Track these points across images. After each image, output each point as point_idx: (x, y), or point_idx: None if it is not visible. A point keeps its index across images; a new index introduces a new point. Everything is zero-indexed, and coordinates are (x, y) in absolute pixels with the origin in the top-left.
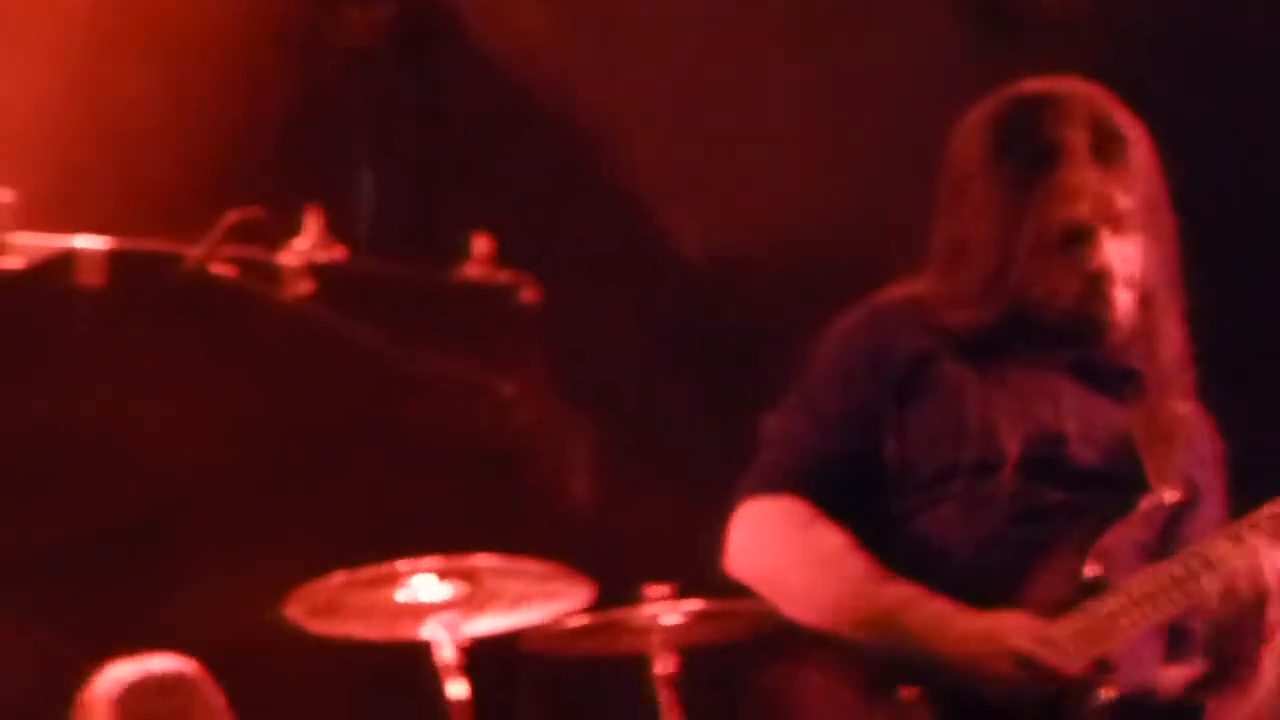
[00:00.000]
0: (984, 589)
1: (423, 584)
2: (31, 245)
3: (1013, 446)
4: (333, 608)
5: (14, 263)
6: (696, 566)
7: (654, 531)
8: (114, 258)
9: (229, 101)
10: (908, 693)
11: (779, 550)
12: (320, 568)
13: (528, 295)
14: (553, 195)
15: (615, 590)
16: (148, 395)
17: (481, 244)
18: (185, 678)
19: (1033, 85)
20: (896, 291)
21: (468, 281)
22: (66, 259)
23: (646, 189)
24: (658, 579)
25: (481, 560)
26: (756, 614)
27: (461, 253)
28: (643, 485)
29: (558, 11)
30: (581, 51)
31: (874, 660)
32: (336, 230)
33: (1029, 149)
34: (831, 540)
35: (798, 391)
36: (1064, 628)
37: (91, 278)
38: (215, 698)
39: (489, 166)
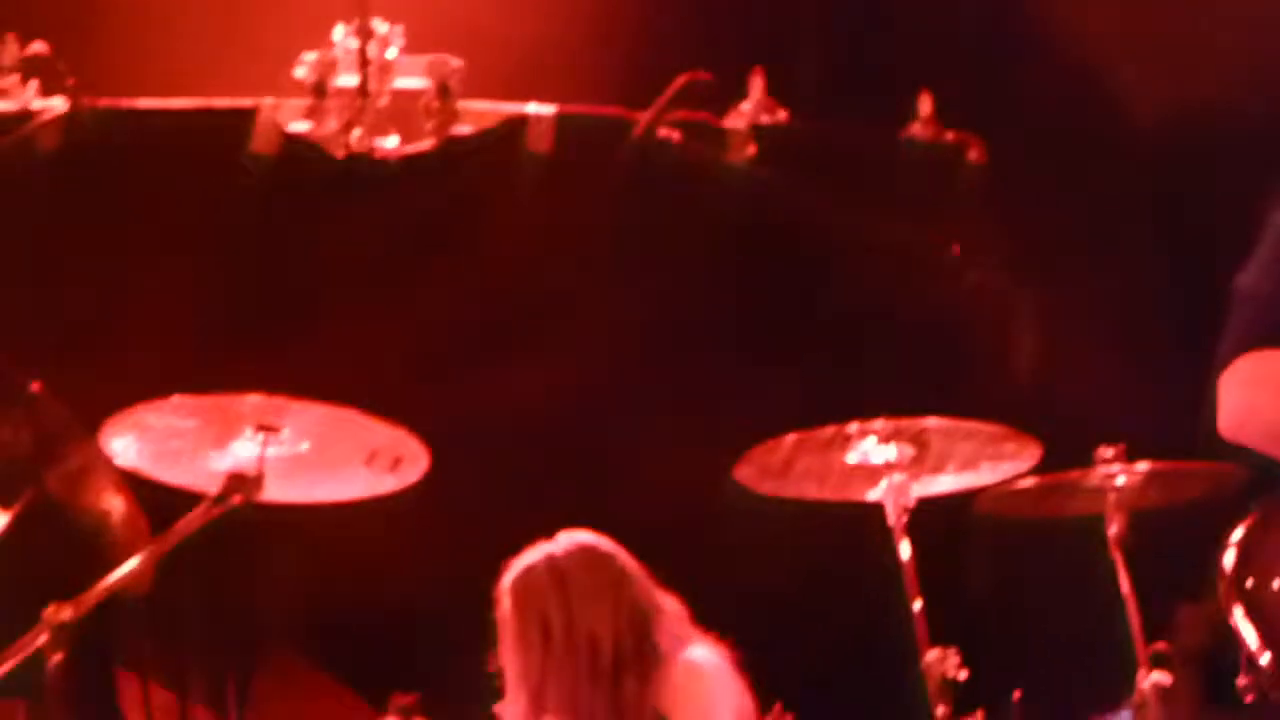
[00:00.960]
0: None
1: (873, 446)
2: (482, 112)
3: None
4: (784, 469)
5: (465, 129)
6: (1143, 429)
7: (1100, 393)
8: (562, 123)
9: None
10: None
11: None
12: (768, 431)
13: (973, 155)
14: (999, 55)
15: (1063, 452)
16: (594, 259)
17: (926, 104)
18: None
19: None
20: None
21: (912, 142)
22: (516, 126)
23: (1097, 51)
24: (1104, 441)
25: (932, 422)
26: (1209, 475)
27: (906, 114)
28: (1088, 347)
29: None
30: None
31: None
32: (780, 93)
33: None
34: None
35: (1267, 250)
36: None
37: (540, 144)
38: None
39: (933, 26)
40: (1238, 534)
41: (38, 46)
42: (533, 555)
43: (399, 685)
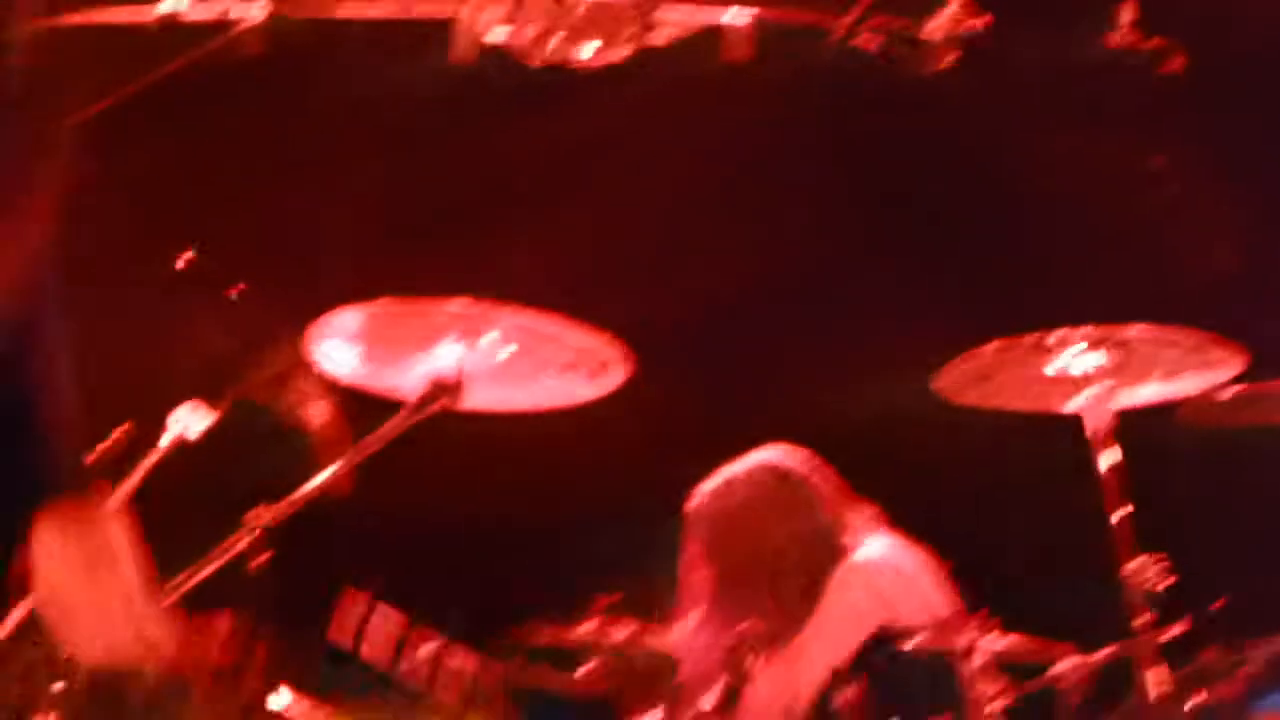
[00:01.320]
0: None
1: (1075, 354)
2: (679, 20)
3: None
4: (984, 379)
5: (661, 39)
6: None
7: None
8: (760, 30)
9: None
10: None
11: None
12: (967, 341)
13: (1173, 64)
14: None
15: (1268, 360)
16: (787, 167)
17: (1127, 12)
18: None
19: None
20: None
21: (1112, 50)
22: (712, 34)
23: None
24: None
25: (1134, 330)
26: None
27: (1105, 22)
28: None
29: None
30: None
31: None
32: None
33: None
34: None
35: None
36: None
37: (737, 52)
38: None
39: None
40: None
41: None
42: (720, 477)
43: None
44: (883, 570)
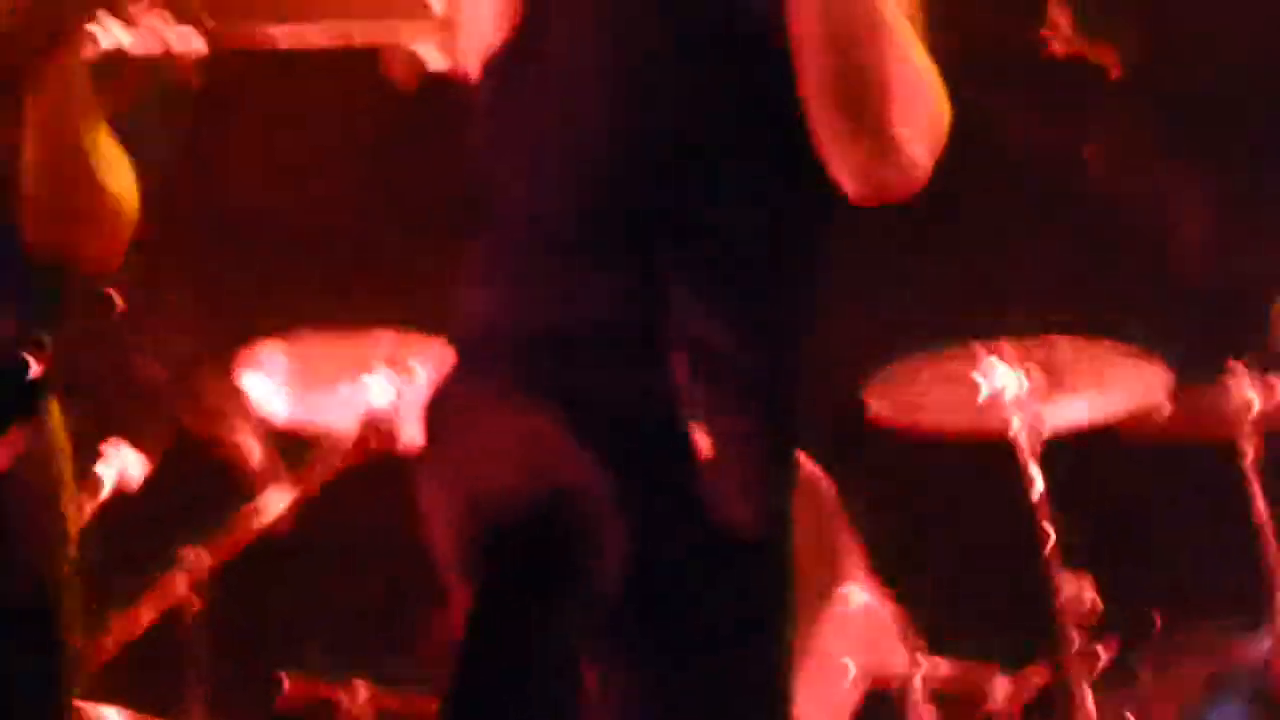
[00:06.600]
0: None
1: (1001, 368)
2: None
3: None
4: (915, 401)
5: None
6: None
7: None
8: None
9: None
10: None
11: None
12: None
13: (1111, 63)
14: None
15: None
16: None
17: (1063, 14)
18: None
19: None
20: None
21: (1050, 50)
22: None
23: None
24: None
25: (1062, 343)
26: None
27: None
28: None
29: None
30: None
31: None
32: None
33: None
34: None
35: None
36: None
37: None
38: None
39: None
40: None
41: None
42: None
43: None
44: (873, 619)
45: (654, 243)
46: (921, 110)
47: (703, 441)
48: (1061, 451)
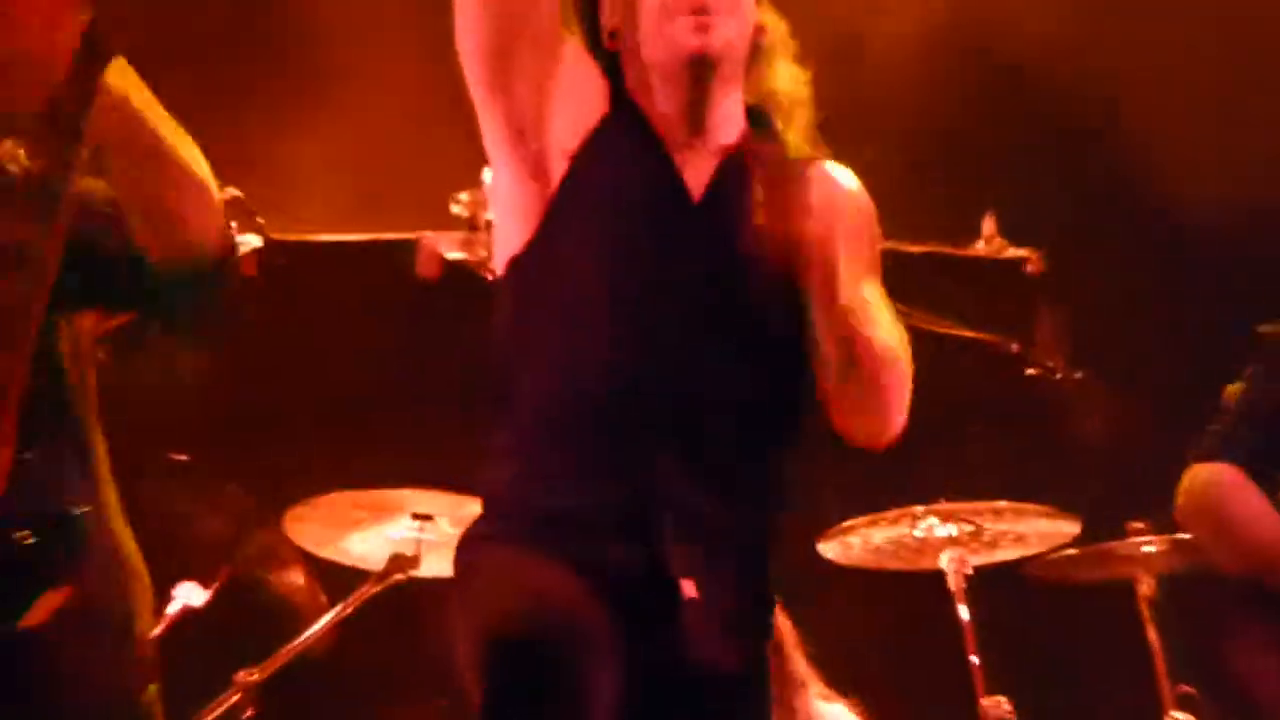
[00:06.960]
0: None
1: (936, 524)
2: None
3: None
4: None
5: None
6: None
7: (1144, 472)
8: None
9: None
10: None
11: (1219, 510)
12: (850, 510)
13: (1033, 267)
14: (1054, 170)
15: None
16: None
17: (989, 224)
18: None
19: None
20: None
21: (980, 258)
22: None
23: (1145, 157)
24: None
25: (986, 505)
26: None
27: (974, 231)
28: (1140, 432)
29: None
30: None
31: None
32: None
33: None
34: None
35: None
36: None
37: None
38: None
39: (997, 149)
40: None
41: (234, 191)
42: None
43: None
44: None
45: (652, 434)
46: (906, 393)
47: (689, 589)
48: (985, 589)
